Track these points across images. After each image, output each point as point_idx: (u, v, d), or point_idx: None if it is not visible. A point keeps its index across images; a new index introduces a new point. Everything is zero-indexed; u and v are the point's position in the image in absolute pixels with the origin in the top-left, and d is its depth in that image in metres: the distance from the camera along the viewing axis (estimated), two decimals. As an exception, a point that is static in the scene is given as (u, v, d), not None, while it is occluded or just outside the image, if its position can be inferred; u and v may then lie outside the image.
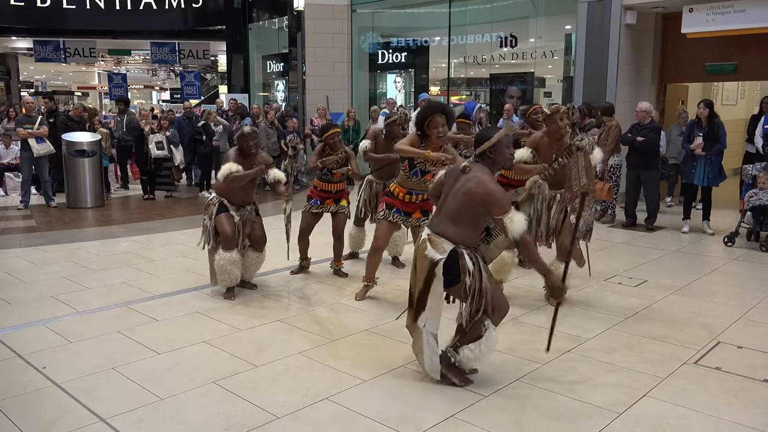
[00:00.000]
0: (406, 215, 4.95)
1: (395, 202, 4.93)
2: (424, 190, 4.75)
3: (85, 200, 9.65)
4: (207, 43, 19.43)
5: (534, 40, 12.11)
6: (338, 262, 5.77)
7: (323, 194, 5.67)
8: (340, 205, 5.67)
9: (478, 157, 3.39)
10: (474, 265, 3.31)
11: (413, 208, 4.94)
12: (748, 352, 3.98)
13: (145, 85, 31.63)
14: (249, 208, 5.21)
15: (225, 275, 5.02)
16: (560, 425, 3.05)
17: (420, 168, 4.78)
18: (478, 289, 3.29)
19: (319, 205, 5.66)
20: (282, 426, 3.05)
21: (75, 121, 10.68)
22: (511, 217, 3.22)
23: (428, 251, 3.31)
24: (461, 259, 3.28)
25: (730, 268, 6.19)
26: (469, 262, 3.30)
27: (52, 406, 3.25)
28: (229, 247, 5.00)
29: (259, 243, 5.28)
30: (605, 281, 5.57)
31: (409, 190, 4.89)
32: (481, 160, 3.38)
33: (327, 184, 5.65)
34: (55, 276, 5.74)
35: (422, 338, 3.41)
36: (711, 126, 7.34)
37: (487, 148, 3.33)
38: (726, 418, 3.12)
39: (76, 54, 18.89)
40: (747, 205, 6.88)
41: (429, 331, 3.40)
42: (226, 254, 4.99)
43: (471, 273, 3.28)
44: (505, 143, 3.37)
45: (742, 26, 8.40)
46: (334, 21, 13.26)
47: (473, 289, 3.28)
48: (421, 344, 3.42)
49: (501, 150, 3.35)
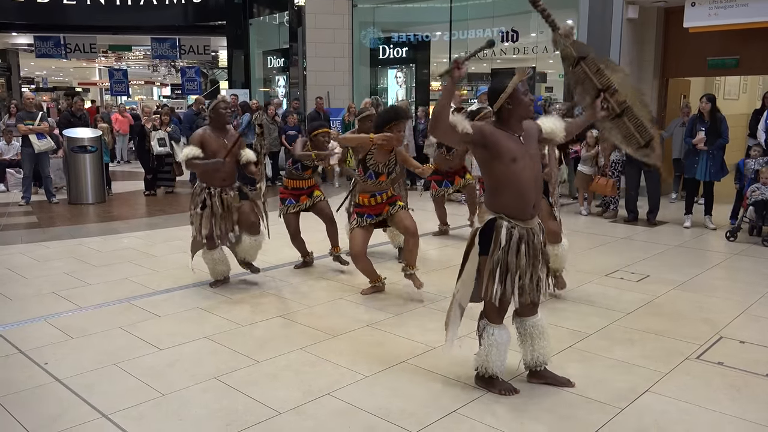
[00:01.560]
0: (377, 216, 4.98)
1: (364, 209, 4.97)
2: (383, 189, 4.93)
3: (87, 196, 9.65)
4: (208, 39, 19.41)
5: (535, 35, 12.07)
6: (336, 248, 5.77)
7: (295, 192, 5.67)
8: (315, 197, 5.70)
9: (496, 114, 3.14)
10: (507, 241, 3.08)
11: (381, 208, 4.97)
12: (751, 347, 3.97)
13: (146, 81, 31.60)
14: (232, 193, 5.09)
15: (212, 271, 5.22)
16: (562, 420, 3.05)
17: (374, 170, 4.87)
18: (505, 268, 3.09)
19: (296, 203, 5.66)
20: (284, 421, 3.05)
21: (77, 116, 10.67)
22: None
23: (474, 219, 3.28)
24: (497, 231, 3.10)
25: (732, 263, 6.18)
26: (504, 236, 3.09)
27: (54, 402, 3.25)
28: (209, 246, 5.10)
29: (250, 227, 5.17)
30: (607, 276, 5.56)
31: (372, 193, 4.94)
32: (498, 117, 3.13)
33: (297, 181, 5.65)
34: (57, 272, 5.74)
35: (453, 308, 3.28)
36: (713, 120, 7.32)
37: (505, 100, 3.06)
38: (728, 413, 3.12)
39: (77, 50, 18.88)
40: (749, 200, 6.87)
41: (458, 301, 3.26)
42: (209, 253, 5.13)
43: (501, 247, 3.08)
44: (522, 90, 3.07)
45: (745, 20, 8.37)
46: (335, 16, 13.23)
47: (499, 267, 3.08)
48: (451, 315, 3.29)
49: (519, 98, 3.06)
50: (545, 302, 4.82)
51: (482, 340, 3.27)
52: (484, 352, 3.26)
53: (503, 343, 3.26)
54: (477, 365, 3.33)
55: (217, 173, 5.01)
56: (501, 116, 3.13)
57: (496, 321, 3.26)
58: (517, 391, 3.31)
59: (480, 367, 3.31)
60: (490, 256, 3.12)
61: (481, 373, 3.32)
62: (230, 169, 5.09)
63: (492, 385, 3.32)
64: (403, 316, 4.53)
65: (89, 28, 18.24)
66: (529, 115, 3.17)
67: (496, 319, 3.26)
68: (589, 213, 8.58)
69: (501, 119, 3.13)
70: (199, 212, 5.00)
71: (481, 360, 3.28)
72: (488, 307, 3.25)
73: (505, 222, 3.12)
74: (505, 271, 3.11)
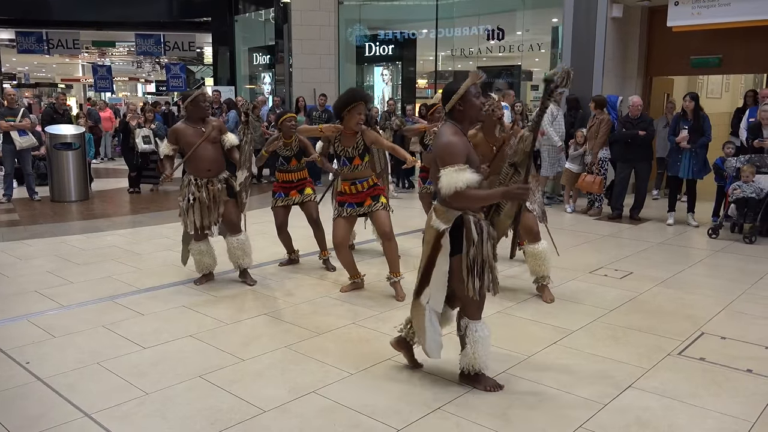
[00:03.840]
0: (358, 206, 4.98)
1: (346, 198, 4.99)
2: (363, 176, 4.96)
3: (69, 193, 9.56)
4: (192, 35, 19.30)
5: (521, 33, 12.14)
6: (324, 252, 5.77)
7: (285, 185, 5.68)
8: (305, 194, 5.69)
9: (448, 114, 3.22)
10: (479, 235, 3.14)
11: (362, 197, 4.97)
12: (732, 342, 4.02)
13: (130, 77, 31.32)
14: (220, 186, 5.07)
15: (197, 264, 5.22)
16: (546, 417, 3.07)
17: (344, 156, 4.92)
18: (480, 262, 3.13)
19: (285, 197, 5.66)
20: (269, 419, 3.04)
21: (59, 113, 10.55)
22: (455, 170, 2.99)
23: (434, 221, 3.19)
24: (465, 227, 3.12)
25: (714, 260, 6.25)
26: (474, 232, 3.13)
27: (36, 402, 3.22)
28: (198, 237, 5.11)
29: (232, 226, 5.17)
30: (591, 273, 5.61)
31: (352, 180, 4.96)
32: (450, 117, 3.22)
33: (286, 174, 5.66)
34: (39, 270, 5.67)
35: (425, 315, 3.26)
36: (696, 119, 7.39)
37: (456, 101, 3.16)
38: (710, 408, 3.15)
39: (60, 45, 18.68)
40: (731, 197, 6.95)
41: (432, 308, 3.25)
42: (195, 245, 5.16)
43: (475, 243, 3.12)
44: (474, 92, 3.17)
45: (727, 20, 8.46)
46: (321, 13, 13.20)
47: (476, 262, 3.12)
48: (423, 322, 3.27)
49: (470, 100, 3.16)
50: (530, 300, 4.86)
51: (467, 339, 3.27)
52: (470, 351, 3.26)
53: (487, 338, 3.28)
54: (463, 365, 3.32)
55: (202, 162, 4.99)
56: (453, 116, 3.21)
57: (477, 317, 3.28)
58: (501, 387, 3.33)
59: (466, 367, 3.31)
60: (465, 254, 3.13)
61: (467, 371, 3.33)
62: (214, 157, 5.06)
63: (478, 382, 3.33)
64: (388, 313, 4.53)
65: (72, 24, 18.04)
66: (480, 116, 3.33)
67: (477, 315, 3.28)
68: (574, 210, 8.64)
69: (454, 119, 3.21)
70: (191, 202, 4.98)
71: (468, 359, 3.28)
72: (469, 305, 3.26)
73: (470, 217, 3.16)
74: (481, 265, 3.15)
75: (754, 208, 6.83)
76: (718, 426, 3.00)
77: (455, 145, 3.07)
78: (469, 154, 3.11)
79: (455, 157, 3.03)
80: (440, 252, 3.16)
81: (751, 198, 6.81)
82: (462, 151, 3.07)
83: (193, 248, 5.17)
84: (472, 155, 3.15)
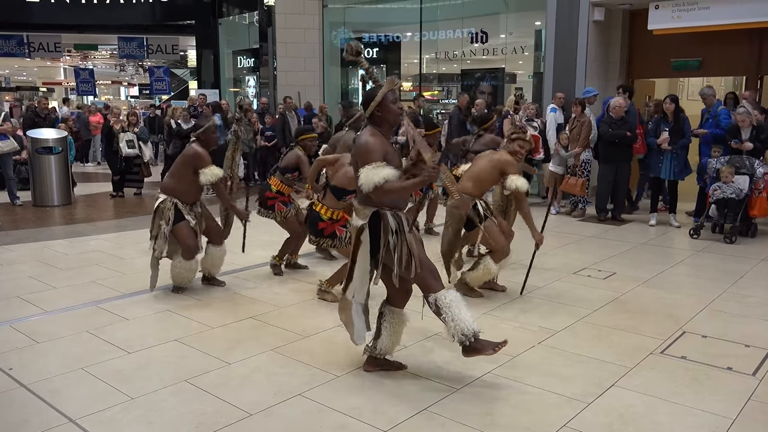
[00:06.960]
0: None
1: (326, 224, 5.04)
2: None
3: (52, 198, 9.46)
4: (176, 38, 19.20)
5: (504, 36, 12.22)
6: (294, 255, 5.79)
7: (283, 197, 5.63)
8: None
9: (368, 119, 3.38)
10: (398, 224, 3.31)
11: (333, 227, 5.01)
12: (712, 341, 4.09)
13: (113, 81, 31.08)
14: (199, 209, 5.16)
15: (181, 280, 5.10)
16: (531, 416, 3.10)
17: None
18: (403, 248, 3.28)
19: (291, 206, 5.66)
20: (254, 423, 3.04)
21: (41, 117, 10.45)
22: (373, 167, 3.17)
23: (353, 220, 3.38)
24: (383, 220, 3.28)
25: (695, 260, 6.33)
26: (392, 221, 3.29)
27: (19, 408, 3.19)
28: (190, 257, 5.02)
29: (217, 236, 5.25)
30: (574, 274, 5.66)
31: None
32: (371, 122, 3.38)
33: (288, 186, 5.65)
34: (22, 276, 5.62)
35: (352, 310, 3.46)
36: (677, 120, 7.49)
37: (374, 108, 3.32)
38: (692, 406, 3.20)
39: (41, 49, 18.51)
40: (711, 198, 7.05)
41: (358, 302, 3.47)
42: (185, 263, 5.02)
43: (394, 231, 3.27)
44: (390, 99, 3.33)
45: (707, 23, 8.59)
46: (305, 16, 13.19)
47: (399, 249, 3.27)
48: (351, 316, 3.47)
49: (387, 106, 3.32)
50: (514, 301, 4.90)
51: (441, 311, 3.30)
52: (450, 318, 3.28)
53: (458, 299, 3.35)
54: (455, 336, 3.30)
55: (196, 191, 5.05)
56: (373, 121, 3.37)
57: (438, 288, 3.35)
58: (505, 342, 3.34)
59: (457, 336, 3.29)
60: (385, 245, 3.28)
61: (464, 341, 3.30)
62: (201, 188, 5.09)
63: (482, 348, 3.32)
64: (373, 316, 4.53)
65: (54, 27, 17.88)
66: (398, 122, 3.50)
67: (437, 285, 3.36)
68: (558, 212, 8.70)
69: (374, 124, 3.37)
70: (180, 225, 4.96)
71: (454, 327, 3.27)
72: (424, 280, 3.35)
73: (387, 211, 3.31)
74: (407, 246, 3.29)
75: (734, 209, 6.94)
76: (699, 423, 3.04)
77: (372, 145, 3.25)
78: (387, 153, 3.28)
79: (373, 155, 3.21)
80: (360, 247, 3.34)
81: (731, 198, 6.91)
82: (379, 149, 3.24)
83: (184, 267, 5.03)
84: (390, 154, 3.31)
